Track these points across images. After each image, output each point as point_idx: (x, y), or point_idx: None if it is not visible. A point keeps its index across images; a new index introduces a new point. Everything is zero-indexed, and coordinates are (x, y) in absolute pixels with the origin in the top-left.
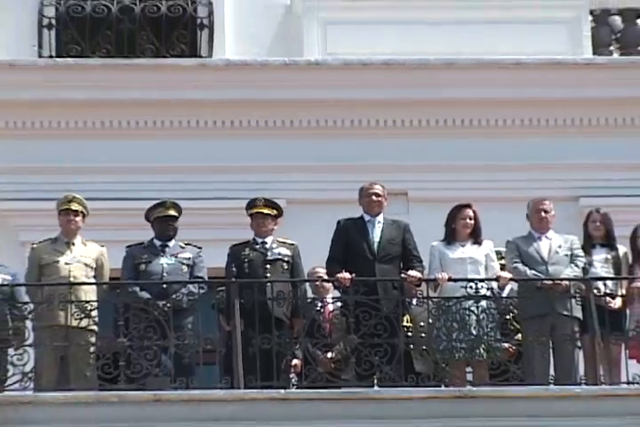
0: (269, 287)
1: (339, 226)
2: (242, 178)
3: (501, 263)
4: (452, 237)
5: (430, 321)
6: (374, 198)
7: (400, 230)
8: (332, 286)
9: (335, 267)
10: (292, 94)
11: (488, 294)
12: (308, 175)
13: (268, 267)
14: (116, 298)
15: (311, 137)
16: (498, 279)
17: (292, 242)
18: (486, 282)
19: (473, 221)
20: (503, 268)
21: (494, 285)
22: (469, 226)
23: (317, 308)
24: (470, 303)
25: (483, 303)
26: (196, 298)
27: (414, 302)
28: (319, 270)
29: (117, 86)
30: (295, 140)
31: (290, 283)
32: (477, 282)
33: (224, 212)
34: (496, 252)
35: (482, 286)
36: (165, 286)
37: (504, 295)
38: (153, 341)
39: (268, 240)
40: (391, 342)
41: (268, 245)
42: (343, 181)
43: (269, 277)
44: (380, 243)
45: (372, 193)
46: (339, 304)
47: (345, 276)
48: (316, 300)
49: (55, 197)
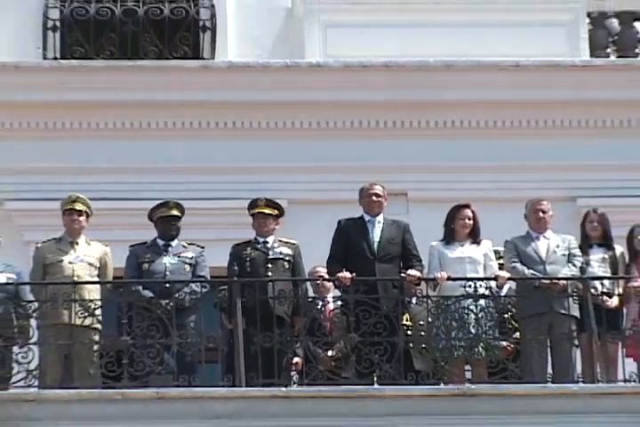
0: (271, 286)
1: (339, 226)
2: (244, 178)
3: (500, 263)
4: (451, 236)
5: (430, 320)
6: (374, 199)
7: (400, 230)
8: (333, 285)
9: (335, 266)
10: (293, 96)
11: (487, 293)
12: (309, 176)
13: (269, 266)
14: (120, 297)
15: (312, 138)
16: (496, 279)
17: (294, 241)
18: (485, 281)
19: (472, 221)
20: (501, 267)
21: (493, 284)
22: (468, 226)
23: (318, 307)
24: (469, 302)
25: (481, 302)
26: (198, 297)
27: (414, 300)
28: (320, 270)
29: (121, 88)
30: (296, 141)
31: (291, 282)
32: (476, 281)
33: (226, 212)
34: (494, 251)
35: (480, 285)
36: (168, 285)
37: (502, 294)
38: (156, 339)
39: (269, 240)
40: (391, 340)
41: (269, 245)
42: (344, 182)
43: (271, 275)
44: (380, 243)
45: (373, 193)
46: (339, 303)
47: (345, 275)
48: (317, 299)
49: (59, 197)
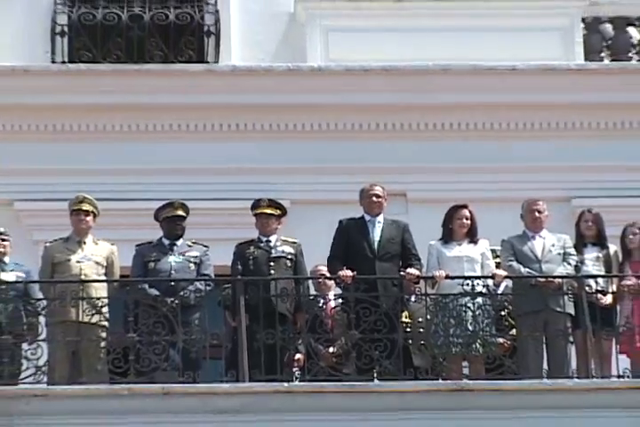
0: (273, 284)
1: (340, 226)
2: (247, 179)
3: (497, 261)
4: (449, 236)
5: (428, 317)
6: (374, 199)
7: (399, 230)
8: (334, 283)
9: (336, 264)
10: (295, 99)
11: (484, 291)
12: (310, 177)
13: (272, 264)
14: (126, 295)
15: (314, 140)
16: (493, 277)
17: (296, 240)
18: (482, 279)
19: (469, 221)
20: (498, 266)
21: (490, 282)
22: (466, 226)
23: (320, 304)
24: (467, 300)
25: (479, 300)
26: (202, 295)
27: (413, 298)
28: (322, 268)
29: (127, 91)
30: (299, 143)
31: (293, 280)
32: (473, 279)
33: (230, 212)
34: (491, 250)
35: (478, 283)
36: (173, 283)
37: (499, 292)
38: (161, 336)
39: (272, 239)
40: (390, 337)
41: (272, 244)
42: (345, 183)
43: (273, 273)
44: (380, 242)
45: (373, 194)
46: (340, 301)
47: (347, 273)
48: (319, 296)
49: (67, 197)
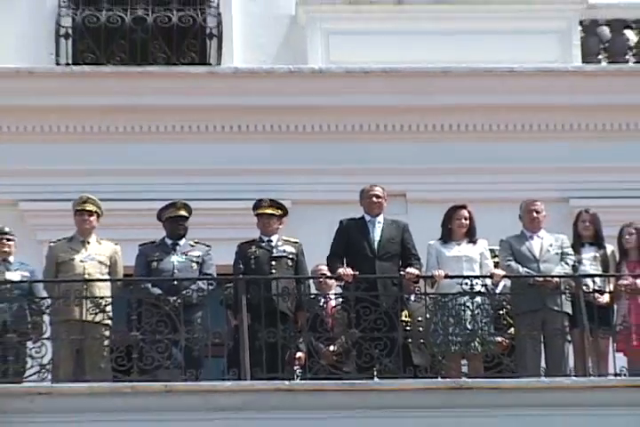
0: (275, 284)
1: (341, 226)
2: (249, 180)
3: (495, 261)
4: (448, 236)
5: (428, 316)
6: (374, 200)
7: (399, 230)
8: (335, 281)
9: (336, 261)
10: (296, 100)
11: (482, 291)
12: (311, 177)
13: (273, 263)
14: (129, 294)
15: (315, 141)
16: (492, 276)
17: (297, 240)
18: (481, 279)
19: (468, 221)
20: (497, 265)
21: (488, 281)
22: (465, 226)
23: (320, 303)
24: (465, 299)
25: (477, 299)
26: (205, 294)
27: (412, 297)
28: (322, 268)
29: (131, 93)
30: (299, 144)
31: (294, 279)
32: (472, 279)
33: (232, 212)
34: (490, 250)
35: (476, 282)
36: (176, 282)
37: (498, 292)
38: (164, 334)
39: (273, 238)
40: (390, 335)
41: (273, 243)
42: (345, 183)
43: (275, 273)
44: (380, 242)
45: (373, 195)
46: (340, 300)
47: (347, 272)
48: (319, 295)
49: (71, 198)
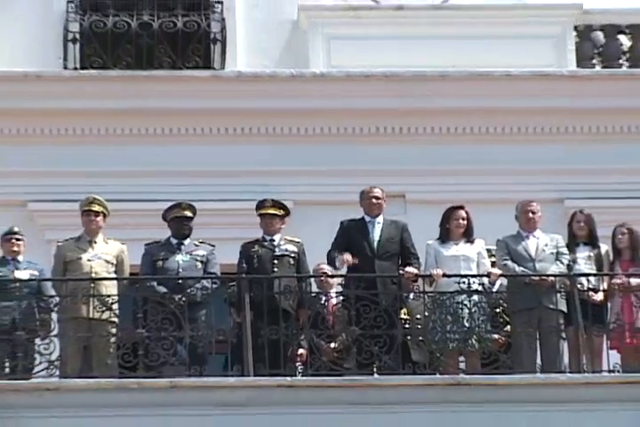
0: (277, 282)
1: (342, 226)
2: (252, 181)
3: (492, 260)
4: (446, 236)
5: (426, 314)
6: (374, 201)
7: (398, 230)
8: (335, 267)
9: (334, 252)
10: (298, 104)
11: (479, 289)
12: (313, 179)
13: (275, 262)
14: (135, 292)
15: (316, 143)
16: (489, 275)
17: (298, 240)
18: (478, 278)
19: (465, 222)
20: (493, 265)
21: (485, 280)
22: (462, 226)
23: (321, 301)
24: (463, 298)
25: (475, 298)
26: (209, 292)
27: (411, 296)
28: (324, 267)
29: (137, 96)
30: (301, 146)
31: (296, 278)
32: (470, 278)
33: (235, 212)
34: (487, 250)
35: (474, 281)
36: (181, 281)
37: (494, 290)
38: (169, 332)
39: (275, 238)
40: (390, 333)
41: (275, 243)
42: (346, 185)
43: (277, 271)
44: (380, 241)
45: (372, 196)
46: (341, 298)
47: (347, 257)
48: (321, 294)
49: (78, 198)
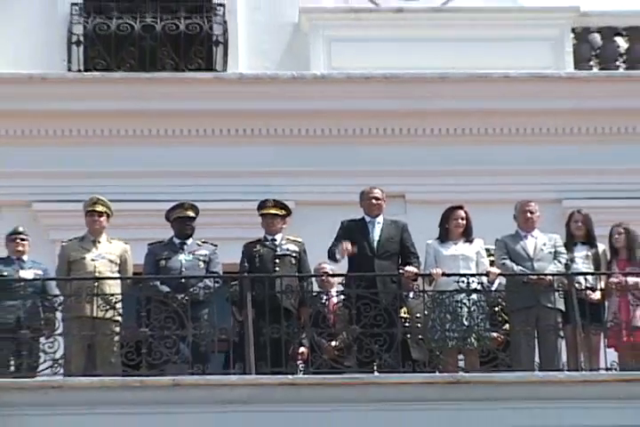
0: (279, 281)
1: (342, 226)
2: (254, 181)
3: (491, 260)
4: (445, 235)
5: (426, 313)
6: (374, 202)
7: (398, 230)
8: (336, 259)
9: (334, 247)
10: (299, 105)
11: (478, 288)
12: (314, 179)
13: (277, 262)
14: (139, 291)
15: (317, 144)
16: (487, 274)
17: (300, 239)
18: (477, 277)
19: (465, 222)
20: (492, 264)
21: (484, 279)
22: (461, 226)
23: (322, 300)
24: (462, 296)
25: (474, 296)
26: (211, 291)
27: (411, 295)
28: (325, 266)
29: (140, 98)
30: (302, 147)
31: (297, 277)
32: (469, 277)
33: (238, 212)
34: (486, 249)
35: (473, 280)
36: (183, 280)
37: (493, 289)
38: (172, 330)
39: (277, 237)
40: (390, 331)
41: (277, 242)
42: (346, 185)
43: (278, 270)
44: (380, 241)
45: (372, 197)
46: (342, 297)
47: (347, 246)
48: (322, 293)
49: (82, 198)
